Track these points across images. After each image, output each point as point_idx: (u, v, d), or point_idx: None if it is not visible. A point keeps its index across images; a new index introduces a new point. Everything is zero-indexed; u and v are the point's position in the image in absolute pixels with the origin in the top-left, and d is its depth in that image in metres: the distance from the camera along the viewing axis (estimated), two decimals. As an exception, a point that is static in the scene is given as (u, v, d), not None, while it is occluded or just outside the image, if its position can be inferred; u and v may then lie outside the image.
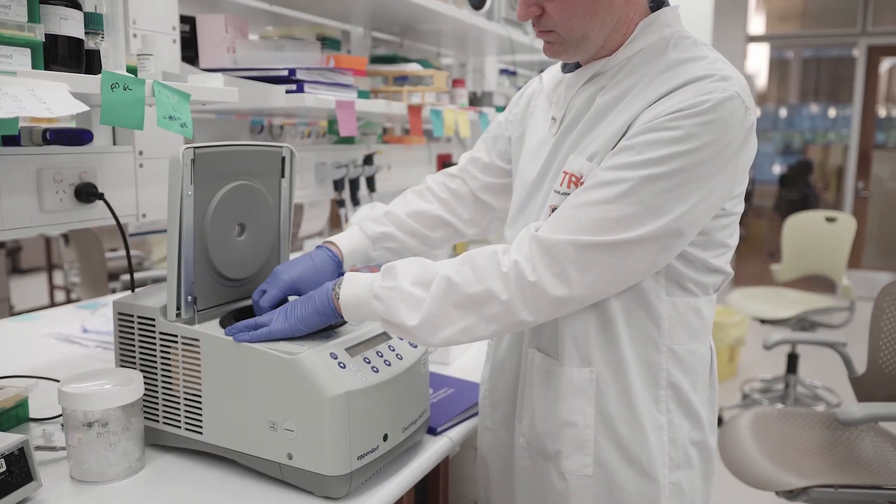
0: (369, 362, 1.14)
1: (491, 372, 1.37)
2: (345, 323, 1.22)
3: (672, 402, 1.15)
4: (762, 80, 13.24)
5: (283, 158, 1.33)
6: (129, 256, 1.40)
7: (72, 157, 1.37)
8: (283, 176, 1.34)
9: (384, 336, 1.22)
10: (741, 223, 1.16)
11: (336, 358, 1.10)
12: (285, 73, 1.51)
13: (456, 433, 1.38)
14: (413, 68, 1.98)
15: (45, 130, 1.34)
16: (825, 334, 3.90)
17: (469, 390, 1.53)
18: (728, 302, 4.24)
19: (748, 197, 11.05)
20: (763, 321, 3.98)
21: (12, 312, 4.63)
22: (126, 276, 2.68)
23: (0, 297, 4.63)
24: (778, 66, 14.10)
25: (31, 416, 1.36)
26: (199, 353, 1.15)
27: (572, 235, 1.00)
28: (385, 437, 1.15)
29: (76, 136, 1.38)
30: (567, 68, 1.20)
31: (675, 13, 1.13)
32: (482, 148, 1.46)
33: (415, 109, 1.92)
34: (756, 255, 8.95)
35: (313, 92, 1.54)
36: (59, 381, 1.18)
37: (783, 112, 13.64)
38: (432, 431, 1.34)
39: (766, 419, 2.19)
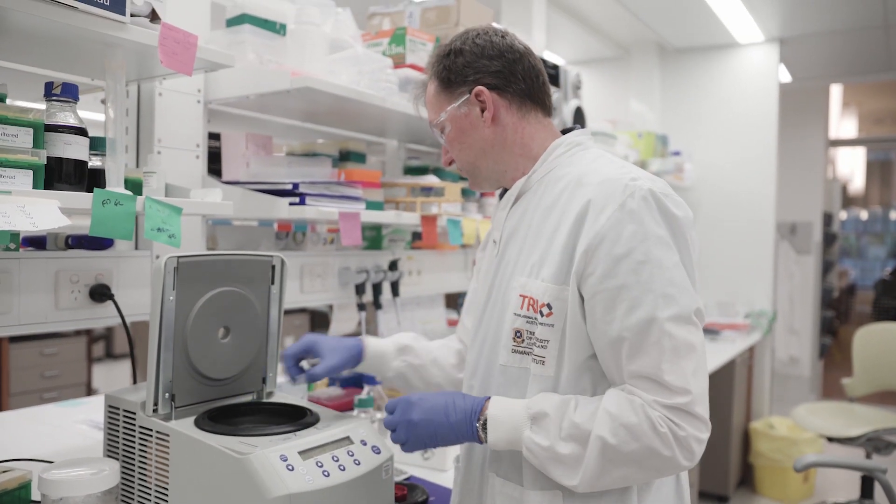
0: (321, 466, 1.18)
1: (460, 491, 1.33)
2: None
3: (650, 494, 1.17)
4: (859, 183, 12.83)
5: (273, 267, 1.43)
6: (132, 351, 1.51)
7: (90, 260, 1.51)
8: (273, 283, 1.44)
9: (345, 441, 1.27)
10: (830, 331, 1.23)
11: (286, 460, 1.15)
12: (290, 186, 1.64)
13: (424, 542, 1.38)
14: (429, 180, 2.08)
15: (67, 237, 1.50)
16: (885, 458, 3.63)
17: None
18: (794, 416, 4.02)
19: (843, 302, 10.54)
20: (830, 439, 3.74)
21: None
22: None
23: (78, 381, 4.94)
24: (879, 168, 13.66)
25: (34, 498, 1.45)
26: (168, 447, 1.22)
27: (675, 397, 1.05)
28: (335, 542, 1.18)
29: (97, 242, 1.53)
30: (501, 193, 1.32)
31: (582, 134, 1.27)
32: (472, 289, 1.51)
33: (429, 219, 2.01)
34: (850, 366, 8.45)
35: (315, 204, 1.66)
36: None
37: (893, 214, 13.12)
38: (397, 538, 1.36)
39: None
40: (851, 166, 12.61)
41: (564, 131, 1.28)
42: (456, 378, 1.47)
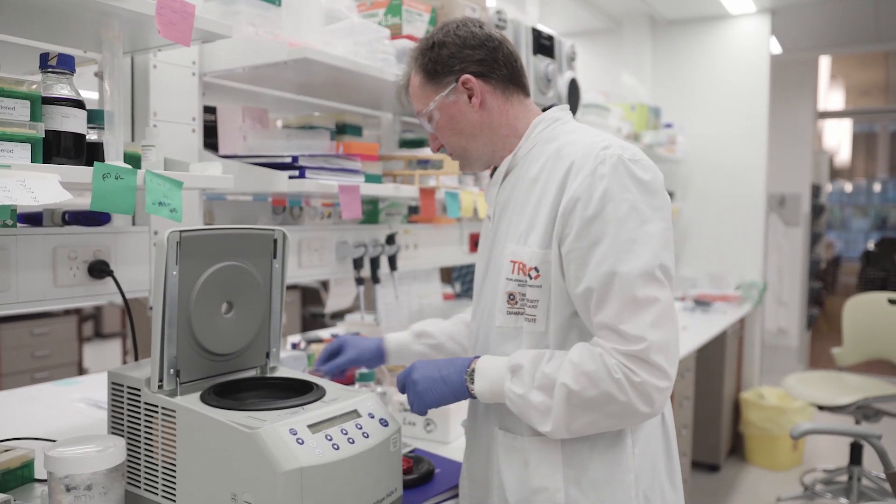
0: (331, 439, 1.18)
1: (468, 450, 1.41)
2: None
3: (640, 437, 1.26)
4: (845, 155, 12.89)
5: (275, 241, 1.42)
6: (132, 328, 1.50)
7: (88, 236, 1.49)
8: (275, 257, 1.43)
9: (353, 414, 1.26)
10: (817, 302, 1.30)
11: (295, 434, 1.14)
12: (289, 159, 1.62)
13: (431, 513, 1.39)
14: (428, 152, 2.06)
15: (64, 213, 1.47)
16: (874, 425, 3.68)
17: (456, 471, 1.54)
18: (784, 386, 4.06)
19: (829, 273, 10.65)
20: (821, 408, 3.79)
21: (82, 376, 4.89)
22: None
23: (69, 360, 4.91)
24: (864, 140, 13.72)
25: (37, 476, 1.45)
26: (175, 423, 1.22)
27: (631, 345, 1.12)
28: (345, 515, 1.18)
29: (94, 218, 1.51)
30: (491, 172, 1.41)
31: (560, 110, 1.37)
32: None
33: (427, 192, 1.99)
34: (836, 336, 8.54)
35: (315, 177, 1.64)
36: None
37: (877, 187, 13.20)
38: (405, 510, 1.36)
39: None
40: (837, 138, 12.66)
41: (545, 110, 1.37)
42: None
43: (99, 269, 1.49)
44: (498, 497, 1.31)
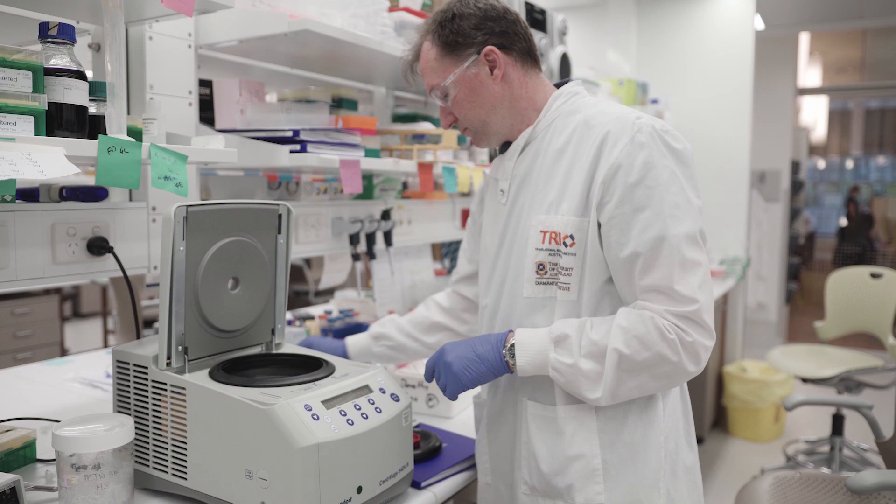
0: (345, 415, 1.17)
1: (489, 423, 1.41)
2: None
3: (668, 401, 1.30)
4: (821, 132, 13.01)
5: (280, 216, 1.40)
6: (134, 305, 1.47)
7: (86, 212, 1.46)
8: (279, 232, 1.41)
9: (365, 389, 1.26)
10: (795, 277, 1.35)
11: (310, 409, 1.13)
12: (290, 133, 1.59)
13: (442, 488, 1.39)
14: (424, 127, 2.04)
15: (61, 188, 1.44)
16: (857, 396, 3.76)
17: (463, 445, 1.54)
18: (768, 359, 4.12)
19: (806, 249, 10.81)
20: (804, 380, 3.85)
21: (64, 356, 4.83)
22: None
23: (51, 340, 4.85)
24: (839, 117, 13.85)
25: (39, 456, 1.42)
26: (185, 401, 1.20)
27: (684, 306, 1.15)
28: (360, 490, 1.17)
29: (91, 193, 1.48)
30: (502, 148, 1.40)
31: (577, 85, 1.38)
32: (467, 239, 1.62)
33: (425, 167, 1.97)
34: (812, 310, 8.67)
35: (316, 151, 1.62)
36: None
37: (849, 163, 13.37)
38: (416, 485, 1.36)
39: (786, 484, 2.11)
40: (813, 115, 12.78)
41: (557, 85, 1.38)
42: (429, 343, 1.64)
43: (98, 246, 1.46)
44: (528, 468, 1.31)
